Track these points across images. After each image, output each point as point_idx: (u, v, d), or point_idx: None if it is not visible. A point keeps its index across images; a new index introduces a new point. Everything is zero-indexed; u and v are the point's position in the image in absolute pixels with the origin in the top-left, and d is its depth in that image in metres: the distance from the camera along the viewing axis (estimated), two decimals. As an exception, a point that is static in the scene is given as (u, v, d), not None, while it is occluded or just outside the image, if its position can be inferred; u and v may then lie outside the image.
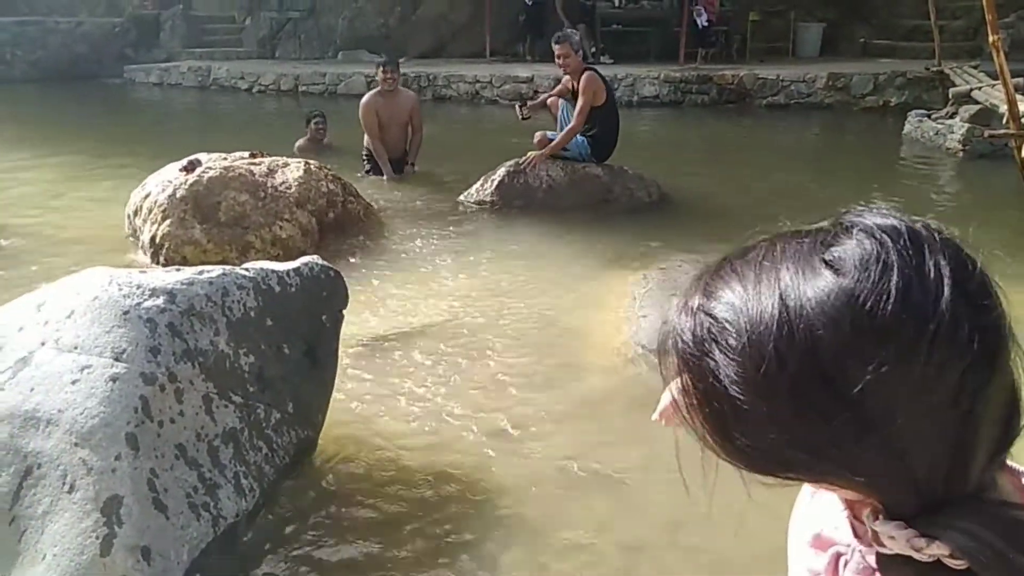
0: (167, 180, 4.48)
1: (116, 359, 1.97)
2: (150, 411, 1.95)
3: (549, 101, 5.72)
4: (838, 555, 0.61)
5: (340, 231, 4.73)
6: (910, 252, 0.50)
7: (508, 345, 3.34)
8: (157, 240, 4.30)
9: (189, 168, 4.50)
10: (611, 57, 12.26)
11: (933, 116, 7.79)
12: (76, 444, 1.86)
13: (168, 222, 4.30)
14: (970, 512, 0.50)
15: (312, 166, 4.87)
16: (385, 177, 6.16)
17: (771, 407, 0.51)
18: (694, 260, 4.31)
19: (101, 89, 14.29)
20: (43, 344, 2.02)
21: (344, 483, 2.41)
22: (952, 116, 7.43)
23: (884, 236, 0.51)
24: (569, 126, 5.36)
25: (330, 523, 2.23)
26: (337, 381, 2.64)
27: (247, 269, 2.42)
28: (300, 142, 7.01)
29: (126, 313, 2.04)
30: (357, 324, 3.34)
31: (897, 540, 0.51)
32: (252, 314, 2.31)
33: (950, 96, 7.70)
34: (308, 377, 2.47)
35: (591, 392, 2.95)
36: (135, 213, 4.57)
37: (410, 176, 6.27)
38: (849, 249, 0.51)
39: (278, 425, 2.32)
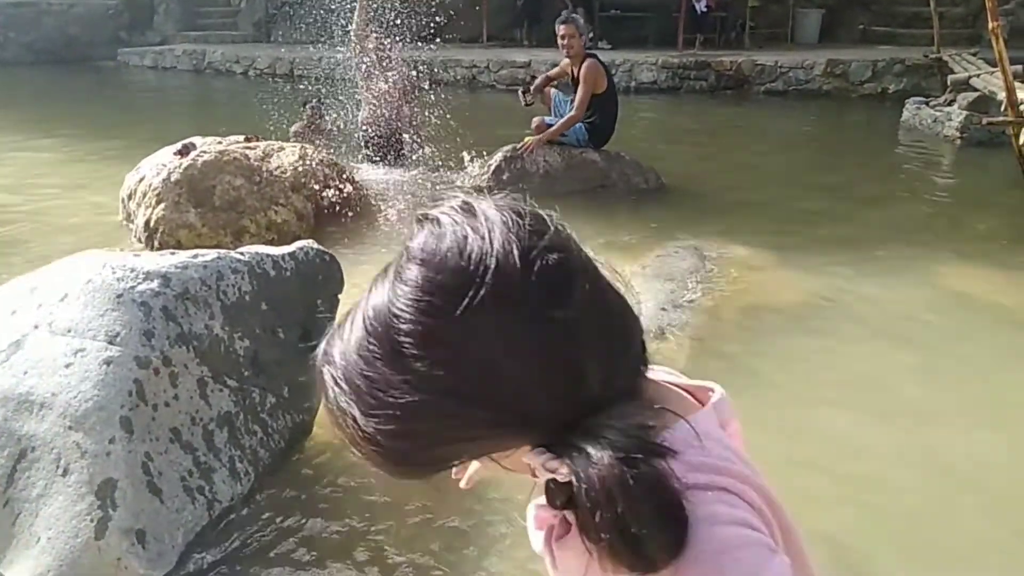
0: (161, 163, 4.45)
1: (110, 342, 1.96)
2: (144, 395, 1.94)
3: (545, 90, 5.67)
4: (551, 528, 0.63)
5: (335, 215, 4.71)
6: (462, 217, 0.55)
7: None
8: (151, 224, 4.27)
9: (183, 152, 4.46)
10: (609, 42, 12.19)
11: (931, 103, 7.77)
12: (70, 427, 1.86)
13: (163, 206, 4.27)
14: (590, 429, 0.53)
15: (307, 150, 4.83)
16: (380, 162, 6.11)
17: (396, 422, 0.53)
18: (691, 247, 4.31)
19: (95, 72, 14.16)
20: (36, 327, 2.01)
21: (338, 468, 2.41)
22: (950, 103, 7.42)
23: (439, 214, 0.56)
24: (569, 114, 5.32)
25: (325, 507, 2.23)
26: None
27: (242, 253, 2.40)
28: (295, 126, 6.97)
29: (120, 296, 2.03)
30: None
31: (538, 468, 0.54)
32: (247, 298, 2.30)
33: (949, 83, 7.68)
34: (303, 362, 2.46)
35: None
36: (129, 197, 4.54)
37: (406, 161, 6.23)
38: (416, 238, 0.56)
39: (273, 409, 2.31)
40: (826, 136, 8.68)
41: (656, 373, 0.68)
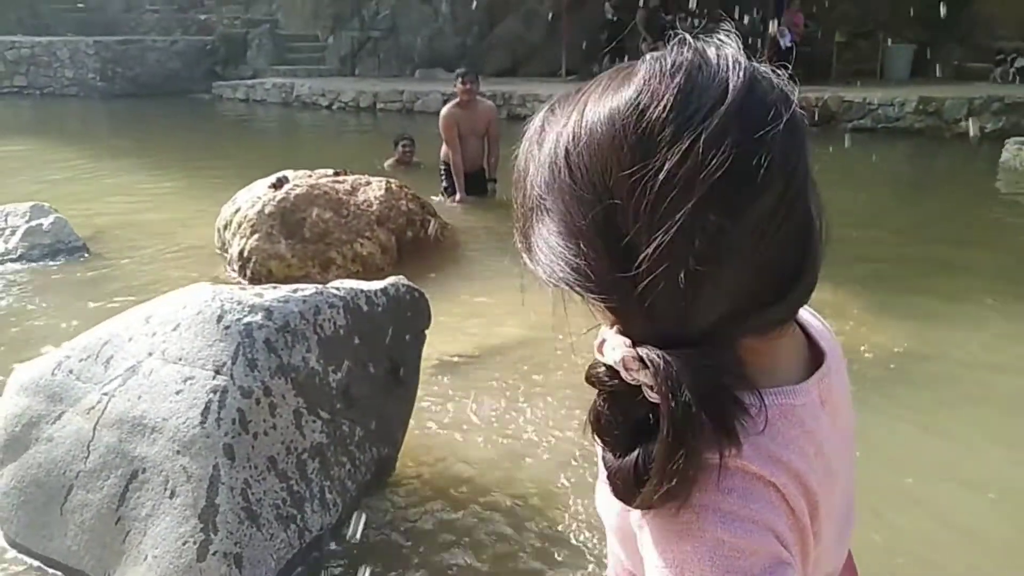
0: (256, 196, 4.67)
1: (217, 372, 2.07)
2: (246, 423, 2.03)
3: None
4: None
5: (418, 250, 4.83)
6: (716, 64, 0.50)
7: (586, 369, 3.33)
8: (245, 254, 4.48)
9: (277, 185, 4.68)
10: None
11: (1033, 144, 7.43)
12: (178, 452, 1.96)
13: (256, 236, 4.48)
14: (682, 351, 0.50)
15: (393, 185, 4.99)
16: (458, 197, 6.25)
17: (558, 220, 0.54)
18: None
19: (192, 104, 15.02)
20: (150, 355, 2.14)
21: (421, 501, 2.45)
22: (1053, 145, 7.08)
23: (703, 46, 0.52)
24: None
25: (407, 540, 2.27)
26: (416, 399, 2.69)
27: (338, 288, 2.50)
28: (389, 161, 7.28)
29: (227, 328, 2.14)
30: (435, 344, 3.39)
31: (615, 351, 0.52)
32: (341, 332, 2.38)
33: (1051, 123, 7.33)
34: (391, 395, 2.53)
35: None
36: (225, 227, 4.78)
37: (491, 195, 6.37)
38: (662, 56, 0.52)
39: (361, 442, 2.38)
40: (918, 177, 8.39)
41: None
